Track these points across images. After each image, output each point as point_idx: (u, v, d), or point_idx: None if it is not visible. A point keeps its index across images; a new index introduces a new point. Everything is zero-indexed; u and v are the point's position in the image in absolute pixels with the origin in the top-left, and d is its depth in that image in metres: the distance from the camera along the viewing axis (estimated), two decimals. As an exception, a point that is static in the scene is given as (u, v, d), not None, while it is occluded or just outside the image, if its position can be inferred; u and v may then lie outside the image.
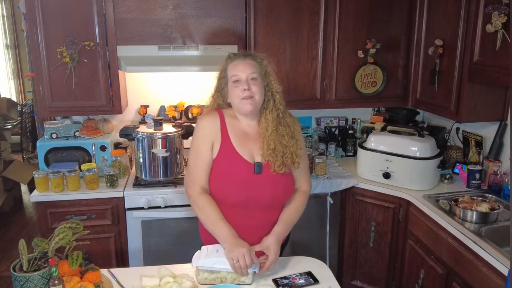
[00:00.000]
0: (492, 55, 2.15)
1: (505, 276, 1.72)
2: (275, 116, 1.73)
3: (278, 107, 1.74)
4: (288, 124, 1.76)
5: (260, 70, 1.73)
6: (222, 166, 1.70)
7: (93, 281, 1.50)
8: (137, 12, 2.57)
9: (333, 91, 2.90)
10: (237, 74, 1.69)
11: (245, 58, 1.72)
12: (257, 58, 1.75)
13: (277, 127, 1.72)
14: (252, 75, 1.69)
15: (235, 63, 1.72)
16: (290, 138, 1.73)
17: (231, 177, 1.69)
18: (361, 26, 2.81)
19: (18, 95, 7.27)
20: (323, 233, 2.82)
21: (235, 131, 1.73)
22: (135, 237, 2.56)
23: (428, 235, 2.31)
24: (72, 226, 1.54)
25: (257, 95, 1.69)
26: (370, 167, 2.69)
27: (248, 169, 1.69)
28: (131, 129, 2.59)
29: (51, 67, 2.55)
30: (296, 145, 1.74)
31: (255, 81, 1.70)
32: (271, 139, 1.69)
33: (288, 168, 1.71)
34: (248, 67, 1.70)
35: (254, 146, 1.72)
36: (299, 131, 1.82)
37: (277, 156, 1.68)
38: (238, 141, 1.72)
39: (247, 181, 1.68)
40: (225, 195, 1.70)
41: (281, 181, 1.72)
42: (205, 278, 1.58)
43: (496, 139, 2.54)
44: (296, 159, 1.73)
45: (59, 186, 2.49)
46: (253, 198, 1.68)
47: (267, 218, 1.72)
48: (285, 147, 1.70)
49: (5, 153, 4.69)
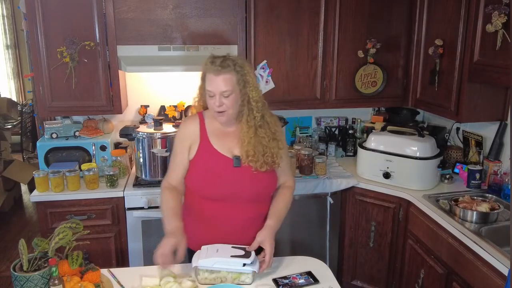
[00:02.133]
0: (492, 55, 2.14)
1: (505, 276, 1.72)
2: (251, 124, 1.72)
3: (255, 115, 1.72)
4: (269, 126, 1.76)
5: (237, 80, 1.66)
6: (201, 163, 1.74)
7: (93, 281, 1.50)
8: (137, 12, 2.57)
9: (333, 91, 2.90)
10: (210, 90, 1.67)
11: (220, 72, 1.63)
12: (236, 66, 1.65)
13: (256, 131, 1.72)
14: (225, 93, 1.65)
15: (210, 76, 1.66)
16: (271, 139, 1.74)
17: (211, 172, 1.72)
18: (361, 26, 2.81)
19: (18, 95, 7.27)
20: (323, 233, 2.82)
21: (214, 130, 1.76)
22: (135, 237, 2.56)
23: (428, 235, 2.31)
24: (72, 226, 1.54)
25: (230, 109, 1.68)
26: (370, 167, 2.69)
27: (227, 163, 1.71)
28: (131, 129, 2.59)
29: (51, 67, 2.55)
30: (277, 146, 1.75)
31: (227, 97, 1.66)
32: (250, 147, 1.70)
33: (269, 166, 1.73)
34: (221, 84, 1.63)
35: (232, 142, 1.74)
36: (280, 131, 1.82)
37: (258, 158, 1.70)
38: (217, 139, 1.75)
39: (228, 175, 1.71)
40: (207, 191, 1.73)
41: (262, 176, 1.74)
42: (205, 278, 1.59)
43: (496, 139, 2.53)
44: (276, 160, 1.74)
45: (59, 186, 2.49)
46: (235, 192, 1.71)
47: (251, 212, 1.75)
48: (265, 147, 1.72)
49: (5, 153, 4.69)
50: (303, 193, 2.66)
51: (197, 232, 1.76)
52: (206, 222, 1.77)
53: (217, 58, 1.67)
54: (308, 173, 2.75)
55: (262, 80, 2.77)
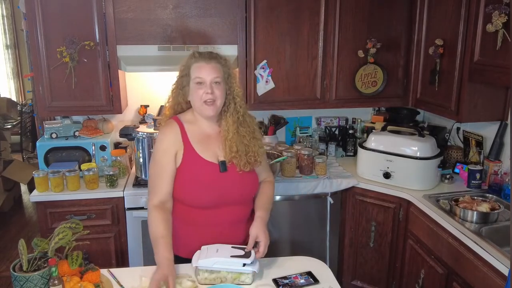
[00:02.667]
0: (493, 55, 2.14)
1: (505, 276, 1.72)
2: (235, 118, 1.74)
3: (239, 110, 1.75)
4: (248, 124, 1.79)
5: (224, 74, 1.72)
6: (188, 172, 1.71)
7: (93, 281, 1.50)
8: (137, 12, 2.57)
9: (333, 91, 2.90)
10: (201, 77, 1.68)
11: (210, 60, 1.69)
12: (222, 61, 1.73)
13: (238, 129, 1.74)
14: (216, 79, 1.68)
15: (200, 64, 1.69)
16: (251, 138, 1.76)
17: (199, 181, 1.70)
18: (361, 26, 2.81)
19: (18, 95, 7.27)
20: (323, 233, 2.82)
21: (196, 135, 1.74)
22: (135, 237, 2.56)
23: (429, 235, 2.31)
24: (72, 226, 1.54)
25: (219, 100, 1.69)
26: (370, 167, 2.69)
27: (214, 169, 1.71)
28: (131, 129, 2.58)
29: (51, 67, 2.54)
30: (257, 145, 1.78)
31: (218, 85, 1.69)
32: (233, 142, 1.71)
33: (252, 166, 1.75)
34: (212, 71, 1.68)
35: (216, 146, 1.75)
36: (259, 130, 1.85)
37: (241, 156, 1.71)
38: (200, 145, 1.73)
39: (215, 181, 1.71)
40: (195, 200, 1.71)
41: (248, 178, 1.76)
42: (205, 278, 1.58)
43: (496, 139, 2.53)
44: (258, 158, 1.77)
45: (59, 186, 2.49)
46: (223, 197, 1.71)
47: (238, 215, 1.77)
48: (247, 146, 1.74)
49: (5, 153, 4.69)
50: (303, 193, 2.66)
51: (185, 237, 1.75)
52: (194, 228, 1.75)
53: (202, 52, 1.77)
54: (308, 173, 2.75)
55: (262, 80, 2.76)
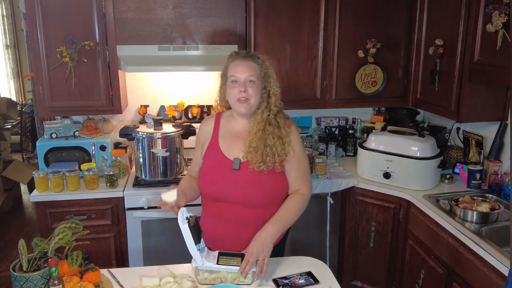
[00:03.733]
0: (493, 55, 2.14)
1: (505, 276, 1.72)
2: (265, 116, 1.73)
3: (271, 109, 1.74)
4: (279, 125, 1.74)
5: (260, 72, 1.73)
6: (205, 162, 1.81)
7: (93, 281, 1.50)
8: (137, 12, 2.57)
9: (333, 91, 2.90)
10: (236, 75, 1.70)
11: (246, 59, 1.72)
12: (259, 60, 1.74)
13: (265, 127, 1.72)
14: (250, 77, 1.70)
15: (235, 63, 1.72)
16: (277, 138, 1.71)
17: (211, 172, 1.77)
18: (362, 26, 2.81)
19: (18, 95, 7.27)
20: (323, 233, 2.82)
21: (226, 131, 1.80)
22: (135, 237, 2.56)
23: (429, 235, 2.31)
24: (72, 226, 1.54)
25: (252, 98, 1.70)
26: (370, 167, 2.69)
27: (227, 165, 1.73)
28: (131, 129, 2.58)
29: (51, 67, 2.54)
30: (282, 147, 1.71)
31: (252, 84, 1.70)
32: (254, 139, 1.70)
33: (267, 167, 1.69)
34: (247, 69, 1.70)
35: (239, 144, 1.75)
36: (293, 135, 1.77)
37: (257, 154, 1.68)
38: (225, 140, 1.79)
39: (224, 177, 1.73)
40: (206, 190, 1.79)
41: (258, 180, 1.70)
42: (205, 278, 1.58)
43: (496, 139, 2.53)
44: (277, 159, 1.70)
45: (59, 186, 2.49)
46: (228, 194, 1.72)
47: (246, 215, 1.73)
48: (268, 146, 1.69)
49: (5, 153, 4.69)
50: (303, 193, 2.65)
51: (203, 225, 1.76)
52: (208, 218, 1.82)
53: (240, 51, 1.82)
54: (308, 173, 2.74)
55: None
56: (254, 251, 1.59)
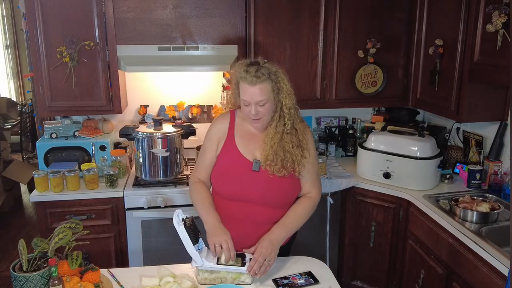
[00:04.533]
0: (493, 55, 2.14)
1: (505, 276, 1.72)
2: (281, 129, 1.71)
3: (286, 123, 1.71)
4: (297, 133, 1.74)
5: (272, 90, 1.66)
6: (222, 162, 1.78)
7: (93, 281, 1.50)
8: (137, 12, 2.57)
9: (333, 91, 2.90)
10: (246, 100, 1.67)
11: (255, 83, 1.62)
12: (271, 75, 1.65)
13: (282, 137, 1.71)
14: (261, 102, 1.66)
15: (245, 86, 1.65)
16: (295, 147, 1.72)
17: (229, 172, 1.75)
18: (361, 26, 2.81)
19: (18, 95, 7.27)
20: (323, 233, 2.82)
21: (242, 131, 1.79)
22: (135, 237, 2.56)
23: (428, 235, 2.31)
24: (72, 226, 1.54)
25: (265, 116, 1.71)
26: (370, 167, 2.69)
27: (247, 166, 1.73)
28: (131, 129, 2.58)
29: (50, 66, 2.54)
30: (301, 154, 1.72)
31: (263, 106, 1.67)
32: (271, 151, 1.69)
33: (287, 172, 1.71)
34: (256, 94, 1.64)
35: (257, 145, 1.75)
36: (308, 140, 1.78)
37: (277, 161, 1.69)
38: (242, 140, 1.77)
39: (243, 177, 1.72)
40: (223, 189, 1.77)
41: (277, 182, 1.72)
42: (205, 278, 1.58)
43: (496, 139, 2.53)
44: (297, 168, 1.72)
45: (59, 186, 2.49)
46: (246, 194, 1.72)
47: (261, 214, 1.74)
48: (287, 152, 1.70)
49: (5, 153, 4.69)
50: (303, 193, 2.65)
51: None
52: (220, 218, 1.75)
53: (251, 66, 1.65)
54: (308, 173, 2.74)
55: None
56: (263, 251, 1.60)
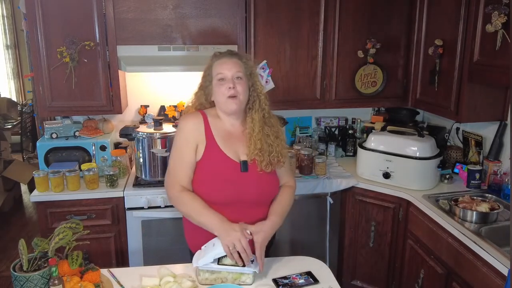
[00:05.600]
0: (492, 55, 2.15)
1: (505, 276, 1.72)
2: (261, 116, 1.75)
3: (264, 107, 1.77)
4: (273, 124, 1.79)
5: (246, 70, 1.74)
6: (208, 167, 1.71)
7: (93, 281, 1.50)
8: (137, 12, 2.57)
9: (333, 91, 2.90)
10: (223, 72, 1.70)
11: (231, 57, 1.74)
12: (243, 58, 1.76)
13: (263, 127, 1.74)
14: (238, 73, 1.70)
15: (221, 61, 1.73)
16: (275, 138, 1.76)
17: (218, 177, 1.70)
18: (361, 26, 2.81)
19: (18, 95, 7.27)
20: (323, 233, 2.82)
21: (219, 131, 1.75)
22: (135, 237, 2.56)
23: (428, 235, 2.31)
24: (72, 226, 1.54)
25: (241, 95, 1.70)
26: (370, 167, 2.69)
27: (235, 168, 1.71)
28: (131, 129, 2.59)
29: (51, 67, 2.55)
30: (281, 145, 1.78)
31: (240, 80, 1.71)
32: (257, 139, 1.71)
33: (273, 167, 1.75)
34: (233, 65, 1.71)
35: (238, 145, 1.74)
36: (282, 131, 1.86)
37: (264, 156, 1.71)
38: (223, 141, 1.73)
39: (234, 180, 1.70)
40: (213, 195, 1.70)
41: (267, 179, 1.75)
42: (206, 278, 1.58)
43: (496, 139, 2.53)
44: (281, 159, 1.76)
45: (59, 186, 2.49)
46: (240, 197, 1.70)
47: (254, 215, 1.73)
48: (271, 146, 1.74)
49: (5, 153, 4.69)
50: (303, 193, 2.65)
51: (199, 235, 1.70)
52: None
53: (223, 51, 1.79)
54: (308, 173, 2.75)
55: (262, 80, 2.76)
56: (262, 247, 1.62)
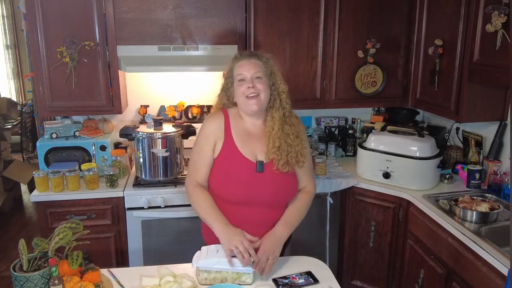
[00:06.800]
0: (492, 55, 2.15)
1: (505, 276, 1.72)
2: (281, 115, 1.74)
3: (284, 106, 1.76)
4: (294, 124, 1.78)
5: (266, 70, 1.75)
6: (224, 165, 1.73)
7: (93, 281, 1.50)
8: (137, 12, 2.58)
9: (333, 91, 2.90)
10: (242, 73, 1.72)
11: (250, 58, 1.75)
12: (263, 58, 1.77)
13: (283, 126, 1.74)
14: (257, 73, 1.72)
15: (241, 63, 1.75)
16: (295, 137, 1.75)
17: (233, 176, 1.71)
18: (361, 26, 2.81)
19: (18, 95, 7.27)
20: (323, 233, 2.82)
21: (239, 130, 1.76)
22: (135, 237, 2.56)
23: (428, 235, 2.31)
24: (72, 226, 1.54)
25: (262, 93, 1.71)
26: (370, 167, 2.69)
27: (250, 167, 1.70)
28: (131, 129, 2.59)
29: (51, 67, 2.55)
30: (301, 145, 1.76)
31: (260, 80, 1.72)
32: (276, 137, 1.71)
33: (291, 167, 1.72)
34: (252, 66, 1.72)
35: (257, 145, 1.74)
36: (304, 131, 1.84)
37: (282, 155, 1.69)
38: (241, 140, 1.73)
39: (249, 180, 1.69)
40: (227, 193, 1.71)
41: (283, 181, 1.73)
42: (205, 278, 1.58)
43: (496, 139, 2.53)
44: (301, 158, 1.74)
45: (59, 186, 2.49)
46: (254, 197, 1.69)
47: (269, 217, 1.73)
48: (290, 145, 1.72)
49: (5, 153, 4.69)
50: (303, 193, 2.66)
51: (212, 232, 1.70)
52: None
53: (243, 51, 1.85)
54: (308, 173, 2.75)
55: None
56: (267, 249, 1.61)
